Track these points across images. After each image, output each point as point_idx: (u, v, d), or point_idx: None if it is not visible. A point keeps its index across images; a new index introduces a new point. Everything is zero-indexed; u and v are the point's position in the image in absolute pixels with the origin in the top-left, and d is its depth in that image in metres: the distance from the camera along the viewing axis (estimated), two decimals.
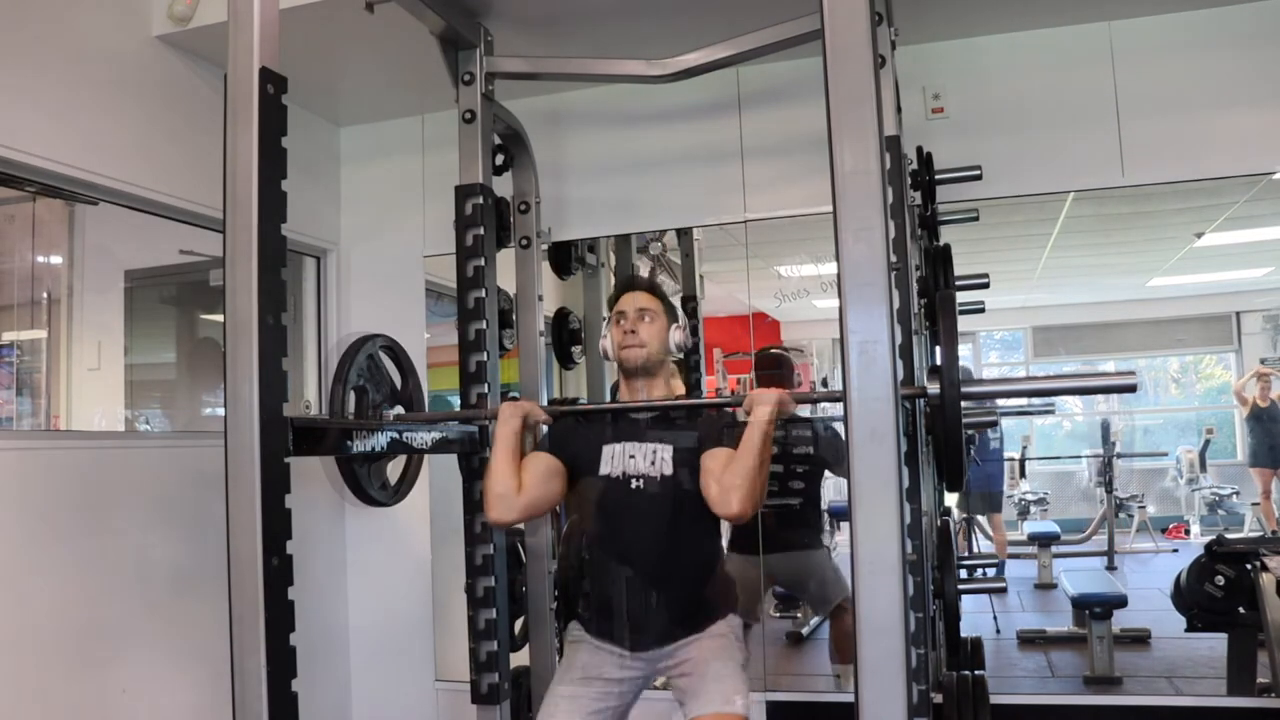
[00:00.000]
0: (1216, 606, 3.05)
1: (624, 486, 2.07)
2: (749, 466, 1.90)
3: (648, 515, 2.05)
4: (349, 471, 2.14)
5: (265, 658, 1.56)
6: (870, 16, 1.55)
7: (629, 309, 2.17)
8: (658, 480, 2.06)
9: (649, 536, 2.06)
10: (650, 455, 2.07)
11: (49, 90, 2.50)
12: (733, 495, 1.90)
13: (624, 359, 2.15)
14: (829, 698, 3.24)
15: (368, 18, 2.35)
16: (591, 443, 2.13)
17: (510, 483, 2.04)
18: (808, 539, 3.62)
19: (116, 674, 2.56)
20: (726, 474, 1.92)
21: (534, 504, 2.08)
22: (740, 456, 1.93)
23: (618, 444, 2.10)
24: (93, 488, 2.55)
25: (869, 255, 1.51)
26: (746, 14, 2.44)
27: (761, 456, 1.92)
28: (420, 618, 3.46)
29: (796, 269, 4.26)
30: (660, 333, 2.16)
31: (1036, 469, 8.61)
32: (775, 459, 3.56)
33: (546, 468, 2.11)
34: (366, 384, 2.20)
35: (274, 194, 1.67)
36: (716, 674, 2.00)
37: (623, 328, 2.15)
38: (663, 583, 2.07)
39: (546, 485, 2.09)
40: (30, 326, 3.64)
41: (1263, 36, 2.81)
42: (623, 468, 2.08)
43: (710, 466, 1.97)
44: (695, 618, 2.09)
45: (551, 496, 2.12)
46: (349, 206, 3.63)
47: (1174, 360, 9.25)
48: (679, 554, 2.07)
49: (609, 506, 2.10)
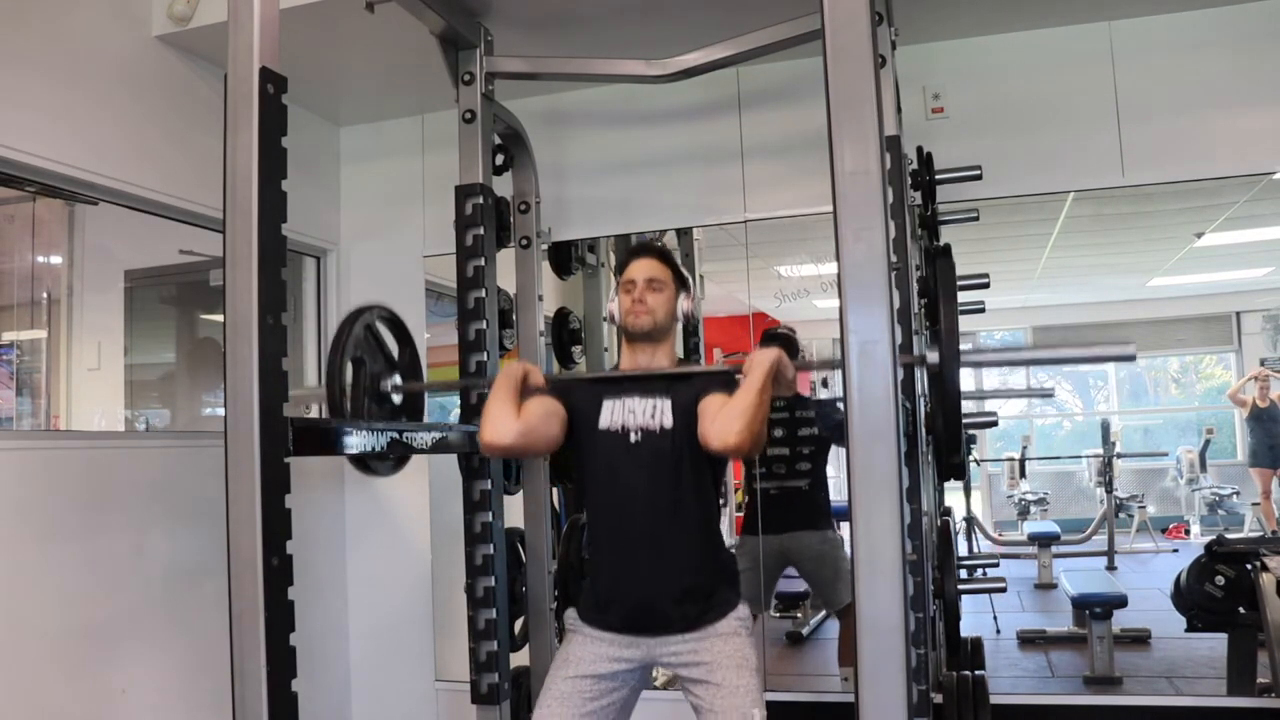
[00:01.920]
0: (1216, 606, 3.05)
1: (623, 440, 2.03)
2: (748, 402, 1.85)
3: (647, 467, 2.00)
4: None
5: (265, 658, 1.57)
6: (870, 16, 1.55)
7: (638, 278, 2.12)
8: (656, 433, 2.01)
9: (648, 489, 2.00)
10: (650, 409, 2.04)
11: (49, 90, 2.50)
12: (730, 427, 1.84)
13: (629, 325, 2.11)
14: (829, 698, 3.24)
15: (368, 18, 2.35)
16: (592, 398, 2.09)
17: (508, 409, 1.99)
18: (818, 520, 3.63)
19: (116, 674, 2.56)
20: (724, 411, 1.88)
21: (530, 433, 2.00)
22: (738, 395, 1.89)
23: (618, 399, 2.07)
24: (93, 488, 2.55)
25: (869, 255, 1.51)
26: (746, 14, 2.44)
27: (761, 397, 1.86)
28: (420, 618, 3.46)
29: (796, 269, 4.27)
30: (668, 302, 2.13)
31: (1036, 469, 8.61)
32: (781, 441, 3.62)
33: (547, 408, 2.06)
34: (364, 355, 2.16)
35: (274, 194, 1.67)
36: (733, 688, 1.94)
37: (631, 295, 2.11)
38: (663, 541, 2.00)
39: (545, 423, 2.04)
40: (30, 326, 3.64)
41: (1263, 36, 2.81)
42: (622, 421, 2.04)
43: (708, 409, 1.93)
44: (699, 597, 2.01)
45: (549, 435, 2.05)
46: (349, 206, 3.63)
47: (1174, 360, 9.26)
48: (679, 509, 2.00)
49: (608, 460, 2.04)
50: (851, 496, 1.50)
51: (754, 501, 3.59)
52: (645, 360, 2.12)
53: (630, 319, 2.11)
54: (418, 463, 3.42)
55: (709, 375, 2.08)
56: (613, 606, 2.03)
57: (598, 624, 2.04)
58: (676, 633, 1.99)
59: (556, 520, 2.86)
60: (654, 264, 2.15)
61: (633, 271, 2.14)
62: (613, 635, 2.02)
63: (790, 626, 4.63)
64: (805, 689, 3.96)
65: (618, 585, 2.03)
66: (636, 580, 2.01)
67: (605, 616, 2.03)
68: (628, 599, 2.01)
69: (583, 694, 1.99)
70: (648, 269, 2.13)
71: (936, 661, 2.82)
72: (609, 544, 2.07)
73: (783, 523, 3.54)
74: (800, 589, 4.30)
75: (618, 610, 2.02)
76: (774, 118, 3.16)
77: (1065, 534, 6.61)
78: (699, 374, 2.11)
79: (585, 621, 2.06)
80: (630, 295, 2.12)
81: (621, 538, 2.03)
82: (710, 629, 1.99)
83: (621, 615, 2.02)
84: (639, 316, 2.10)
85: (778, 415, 3.63)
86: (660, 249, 2.22)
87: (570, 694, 1.99)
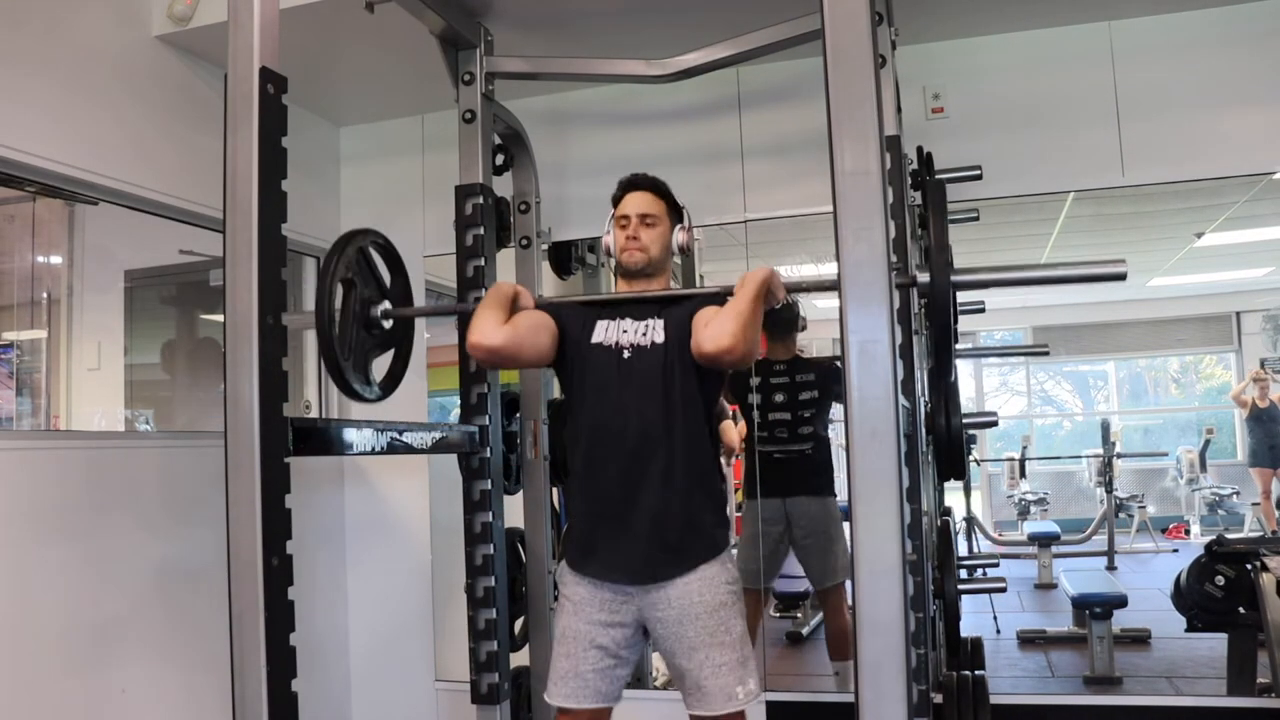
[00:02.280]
0: (1216, 606, 3.05)
1: (616, 355, 2.02)
2: (741, 309, 1.85)
3: (639, 382, 1.98)
4: (335, 368, 2.08)
5: (265, 658, 1.57)
6: (870, 16, 1.55)
7: (631, 213, 2.11)
8: (648, 348, 2.00)
9: (639, 403, 1.98)
10: (642, 328, 2.03)
11: (49, 90, 2.49)
12: (723, 329, 1.83)
13: (624, 261, 2.10)
14: (829, 698, 3.24)
15: (368, 18, 2.35)
16: (585, 318, 2.08)
17: (497, 315, 1.98)
18: (820, 486, 3.63)
19: (116, 674, 2.56)
20: (717, 317, 1.87)
21: (519, 340, 1.98)
22: (731, 303, 1.88)
23: (611, 320, 2.06)
24: (93, 488, 2.55)
25: (869, 255, 1.51)
26: (746, 14, 2.44)
27: (753, 305, 1.86)
28: (420, 618, 3.45)
29: (796, 269, 4.27)
30: (662, 237, 2.12)
31: (1036, 469, 8.61)
32: (782, 405, 3.62)
33: (537, 320, 2.05)
34: (355, 278, 2.14)
35: (274, 194, 1.68)
36: (715, 666, 1.92)
37: (625, 231, 2.10)
38: (652, 461, 1.95)
39: (534, 334, 2.02)
40: (30, 326, 3.65)
41: (1263, 36, 2.80)
42: (615, 339, 2.04)
43: (700, 320, 1.93)
44: (689, 531, 1.96)
45: (538, 345, 2.03)
46: (349, 206, 3.63)
47: (1174, 360, 9.26)
48: (671, 427, 1.96)
49: (599, 377, 2.02)
50: (851, 496, 1.50)
51: (753, 466, 3.60)
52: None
53: (625, 256, 2.10)
54: (418, 462, 3.44)
55: (702, 295, 2.06)
56: (597, 548, 1.99)
57: (592, 567, 2.00)
58: (662, 580, 1.94)
59: (556, 520, 2.86)
60: (647, 197, 2.14)
61: (625, 206, 2.13)
62: (606, 583, 1.98)
63: (790, 626, 4.63)
64: (805, 689, 3.96)
65: (602, 520, 1.99)
66: (623, 507, 1.96)
67: (597, 555, 1.99)
68: (621, 534, 1.96)
69: (590, 666, 1.97)
70: (641, 203, 2.12)
71: (936, 661, 2.82)
72: (597, 468, 2.01)
73: (786, 487, 3.57)
74: (800, 589, 4.30)
75: (610, 549, 1.97)
76: (774, 118, 3.16)
77: (1065, 534, 6.61)
78: (692, 295, 2.09)
79: (579, 570, 2.02)
80: (625, 231, 2.11)
81: (610, 456, 1.98)
82: (694, 573, 1.95)
83: (614, 558, 1.97)
84: (633, 254, 2.09)
85: (778, 379, 3.64)
86: (653, 180, 2.18)
87: (578, 671, 1.97)
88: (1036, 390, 9.72)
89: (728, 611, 1.97)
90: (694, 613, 1.94)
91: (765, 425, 3.61)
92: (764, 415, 3.61)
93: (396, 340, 2.28)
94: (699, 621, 1.94)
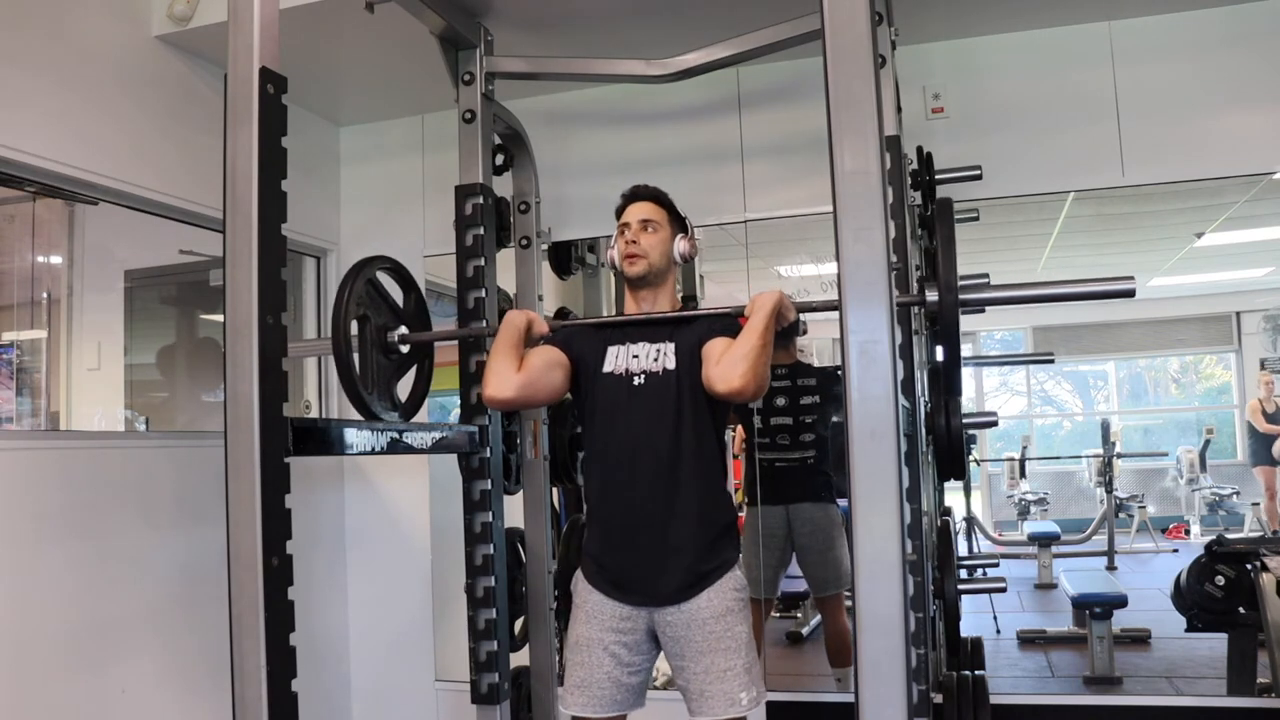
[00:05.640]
0: (1216, 606, 3.05)
1: (626, 384, 2.03)
2: (751, 345, 1.87)
3: (649, 409, 2.00)
4: (355, 393, 2.11)
5: (265, 658, 1.57)
6: (870, 16, 1.55)
7: (632, 220, 2.12)
8: (659, 374, 2.02)
9: (650, 430, 1.99)
10: (654, 354, 2.04)
11: (49, 90, 2.49)
12: (734, 370, 1.86)
13: (625, 271, 2.11)
14: (829, 698, 3.24)
15: (368, 18, 2.35)
16: (596, 344, 2.10)
17: (510, 363, 2.00)
18: (820, 492, 3.63)
19: (116, 674, 2.56)
20: (727, 355, 1.89)
21: (532, 385, 2.01)
22: (742, 339, 1.90)
23: (622, 345, 2.08)
24: (93, 488, 2.55)
25: (869, 255, 1.51)
26: (746, 14, 2.44)
27: (764, 339, 1.88)
28: (420, 618, 3.46)
29: (796, 269, 4.27)
30: (663, 243, 2.12)
31: (1036, 469, 8.61)
32: (784, 410, 3.62)
33: (549, 358, 2.07)
34: (368, 312, 2.16)
35: (274, 194, 1.67)
36: (720, 671, 1.94)
37: (625, 238, 2.11)
38: (664, 486, 1.97)
39: (547, 374, 2.05)
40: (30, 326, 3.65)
41: (1262, 36, 2.81)
42: (625, 365, 2.05)
43: (711, 353, 1.94)
44: (702, 558, 1.98)
45: (552, 386, 2.06)
46: (349, 206, 3.63)
47: (1174, 360, 9.26)
48: (680, 453, 1.98)
49: (610, 404, 2.04)
50: (852, 497, 1.50)
51: (754, 473, 3.60)
52: (647, 306, 2.13)
53: (626, 265, 2.11)
54: (418, 462, 3.44)
55: (712, 318, 2.07)
56: (612, 572, 2.02)
57: (606, 582, 2.03)
58: (672, 604, 1.97)
59: (556, 520, 2.86)
60: (648, 205, 2.14)
61: (627, 215, 2.14)
62: (619, 601, 2.00)
63: (790, 626, 4.63)
64: (805, 689, 3.96)
65: (617, 549, 2.01)
66: (637, 536, 1.98)
67: (609, 573, 2.02)
68: (634, 555, 1.99)
69: (605, 678, 1.99)
70: (641, 211, 2.13)
71: (936, 661, 2.82)
72: (610, 492, 2.04)
73: (787, 494, 3.57)
74: (801, 589, 4.30)
75: (624, 568, 2.00)
76: (774, 118, 3.16)
77: (1065, 534, 6.61)
78: (702, 316, 2.10)
79: (588, 580, 2.05)
80: (625, 238, 2.11)
81: (622, 484, 2.01)
82: (709, 590, 1.97)
83: (627, 575, 2.00)
84: (634, 261, 2.10)
85: (779, 384, 3.64)
86: (653, 190, 2.19)
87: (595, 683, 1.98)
88: (1036, 390, 9.72)
89: (734, 618, 1.98)
90: (700, 619, 1.96)
91: (767, 431, 3.61)
92: (765, 420, 3.61)
93: (417, 359, 2.28)
94: (705, 627, 1.96)
